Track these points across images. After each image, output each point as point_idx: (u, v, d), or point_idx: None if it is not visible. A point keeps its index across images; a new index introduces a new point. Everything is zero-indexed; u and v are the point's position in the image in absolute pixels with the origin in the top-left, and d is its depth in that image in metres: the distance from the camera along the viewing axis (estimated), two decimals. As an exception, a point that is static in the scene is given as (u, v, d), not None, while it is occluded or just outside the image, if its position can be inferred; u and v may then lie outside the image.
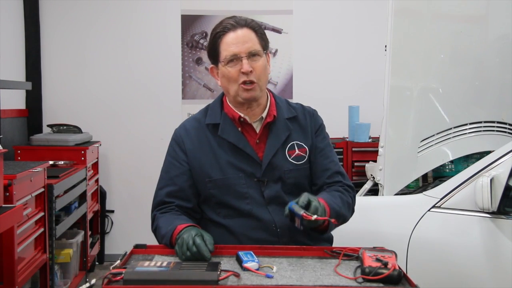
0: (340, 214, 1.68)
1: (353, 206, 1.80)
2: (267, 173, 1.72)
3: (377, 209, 2.44)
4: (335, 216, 1.62)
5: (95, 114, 4.28)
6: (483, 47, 2.92)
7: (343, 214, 1.70)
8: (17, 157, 3.56)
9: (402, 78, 2.71)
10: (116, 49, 4.29)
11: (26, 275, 2.44)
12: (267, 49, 1.76)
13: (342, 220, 1.72)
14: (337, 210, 1.65)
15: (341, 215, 1.68)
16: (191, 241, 1.46)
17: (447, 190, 2.22)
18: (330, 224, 1.60)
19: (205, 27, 4.31)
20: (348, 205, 1.75)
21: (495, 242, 2.05)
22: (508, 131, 3.00)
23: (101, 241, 4.22)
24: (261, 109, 1.78)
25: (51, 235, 2.82)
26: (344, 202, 1.73)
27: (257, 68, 1.69)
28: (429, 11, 2.78)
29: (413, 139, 2.71)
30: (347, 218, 1.75)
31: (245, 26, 1.70)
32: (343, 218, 1.72)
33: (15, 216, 2.03)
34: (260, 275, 1.36)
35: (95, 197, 4.02)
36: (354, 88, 4.30)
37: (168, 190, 1.74)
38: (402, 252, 2.16)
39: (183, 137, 1.77)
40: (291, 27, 4.33)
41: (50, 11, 4.20)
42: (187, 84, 4.35)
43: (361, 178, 3.20)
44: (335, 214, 1.63)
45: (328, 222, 1.56)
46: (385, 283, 1.30)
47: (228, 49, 1.69)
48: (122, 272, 1.30)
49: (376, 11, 4.13)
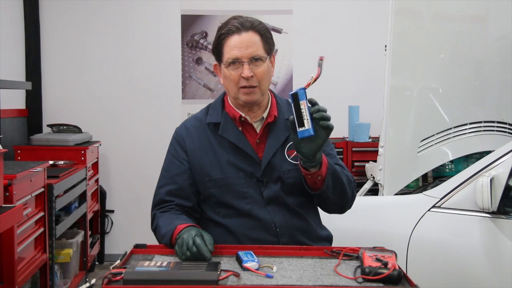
0: (337, 175, 1.66)
1: (353, 189, 1.77)
2: (266, 173, 1.72)
3: (377, 209, 2.44)
4: (331, 173, 1.62)
5: (95, 114, 4.28)
6: (483, 47, 2.92)
7: (340, 178, 1.67)
8: (17, 157, 3.56)
9: (402, 78, 2.71)
10: (116, 49, 4.29)
11: (26, 275, 2.44)
12: (271, 52, 1.75)
13: (341, 188, 1.68)
14: (335, 168, 1.65)
15: (338, 176, 1.66)
16: (191, 241, 1.46)
17: (447, 190, 2.22)
18: (327, 173, 1.60)
19: (205, 27, 4.31)
20: (348, 179, 1.72)
21: (495, 242, 2.05)
22: (508, 131, 3.00)
23: (101, 241, 4.22)
24: (262, 110, 1.78)
25: (51, 235, 2.82)
26: (344, 173, 1.72)
27: (259, 74, 1.69)
28: (429, 11, 2.79)
29: (413, 139, 2.71)
30: (346, 188, 1.71)
31: (250, 29, 1.69)
32: (341, 184, 1.68)
33: (15, 216, 2.03)
34: (260, 275, 1.36)
35: (95, 197, 4.02)
36: (354, 88, 4.30)
37: (168, 188, 1.75)
38: (402, 252, 2.16)
39: (184, 136, 1.78)
40: (291, 27, 4.33)
41: (50, 11, 4.20)
42: (187, 84, 4.35)
43: (361, 178, 3.20)
44: (332, 171, 1.63)
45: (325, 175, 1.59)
46: (385, 283, 1.30)
47: (230, 52, 1.68)
48: (122, 272, 1.30)
49: (376, 11, 4.13)
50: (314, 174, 1.61)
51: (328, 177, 1.62)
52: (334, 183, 1.65)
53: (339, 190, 1.69)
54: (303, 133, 1.50)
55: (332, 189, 1.66)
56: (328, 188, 1.64)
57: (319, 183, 1.63)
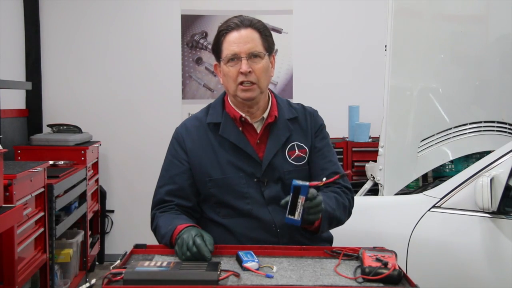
0: (333, 216, 1.68)
1: (349, 208, 1.79)
2: (267, 173, 1.72)
3: (377, 209, 2.44)
4: (327, 218, 1.63)
5: (95, 114, 4.28)
6: (483, 47, 2.92)
7: (336, 217, 1.70)
8: (17, 157, 3.56)
9: (402, 78, 2.71)
10: (116, 49, 4.29)
11: (26, 275, 2.44)
12: (271, 51, 1.75)
13: (336, 223, 1.72)
14: (330, 212, 1.65)
15: (334, 217, 1.68)
16: (191, 241, 1.46)
17: (447, 190, 2.22)
18: (322, 223, 1.61)
19: (205, 27, 4.31)
20: (343, 207, 1.74)
21: (495, 242, 2.05)
22: (508, 131, 3.00)
23: (101, 241, 4.22)
24: (262, 110, 1.78)
25: (51, 235, 2.82)
26: (340, 204, 1.72)
27: (257, 70, 1.69)
28: (429, 11, 2.78)
29: (413, 139, 2.71)
30: (341, 220, 1.74)
31: (249, 26, 1.70)
32: (337, 220, 1.71)
33: (15, 216, 2.03)
34: (260, 275, 1.36)
35: (95, 197, 4.02)
36: (354, 88, 4.29)
37: (168, 188, 1.75)
38: (402, 252, 2.16)
39: (184, 136, 1.78)
40: (291, 27, 4.33)
41: (50, 11, 4.20)
42: (187, 84, 4.35)
43: (361, 178, 3.20)
44: (327, 216, 1.63)
45: (320, 222, 1.59)
46: (385, 283, 1.30)
47: (229, 48, 1.69)
48: (122, 272, 1.30)
49: (376, 11, 4.13)
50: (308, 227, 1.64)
51: (323, 224, 1.64)
52: (330, 223, 1.68)
53: (335, 225, 1.73)
54: (290, 220, 1.51)
55: (328, 228, 1.70)
56: (323, 230, 1.67)
57: (315, 230, 1.65)
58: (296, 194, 1.48)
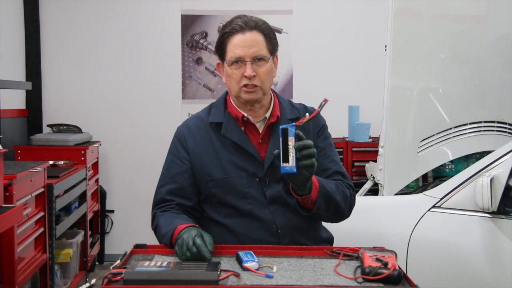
0: (331, 197, 1.65)
1: (350, 201, 1.76)
2: (269, 173, 1.72)
3: (377, 209, 2.44)
4: (324, 194, 1.62)
5: (95, 114, 4.28)
6: (483, 47, 2.92)
7: (335, 200, 1.67)
8: (17, 157, 3.56)
9: (402, 78, 2.71)
10: (116, 49, 4.29)
11: (26, 275, 2.44)
12: (275, 52, 1.75)
13: (335, 207, 1.69)
14: (327, 190, 1.64)
15: (332, 198, 1.66)
16: (191, 241, 1.46)
17: (447, 190, 2.22)
18: (318, 198, 1.60)
19: (205, 27, 4.31)
20: (343, 195, 1.72)
21: (495, 242, 2.05)
22: (508, 131, 3.00)
23: (101, 241, 4.22)
24: (264, 110, 1.77)
25: (51, 235, 2.82)
26: (339, 190, 1.71)
27: (261, 73, 1.69)
28: (429, 11, 2.79)
29: (413, 139, 2.71)
30: (340, 207, 1.71)
31: (254, 28, 1.69)
32: (335, 204, 1.68)
33: (15, 216, 2.03)
34: (260, 275, 1.36)
35: (95, 197, 4.02)
36: (354, 88, 4.29)
37: (168, 188, 1.74)
38: (402, 252, 2.16)
39: (186, 136, 1.77)
40: (291, 27, 4.33)
41: (50, 11, 4.20)
42: (187, 84, 4.35)
43: (361, 178, 3.20)
44: (324, 193, 1.62)
45: (317, 196, 1.59)
46: (385, 283, 1.30)
47: (234, 50, 1.69)
48: (122, 272, 1.30)
49: (376, 11, 4.12)
50: (304, 198, 1.62)
51: (319, 200, 1.62)
52: (327, 203, 1.65)
53: (333, 209, 1.69)
54: (286, 169, 1.51)
55: (325, 210, 1.66)
56: (320, 209, 1.65)
57: (311, 205, 1.64)
58: (285, 138, 1.49)
